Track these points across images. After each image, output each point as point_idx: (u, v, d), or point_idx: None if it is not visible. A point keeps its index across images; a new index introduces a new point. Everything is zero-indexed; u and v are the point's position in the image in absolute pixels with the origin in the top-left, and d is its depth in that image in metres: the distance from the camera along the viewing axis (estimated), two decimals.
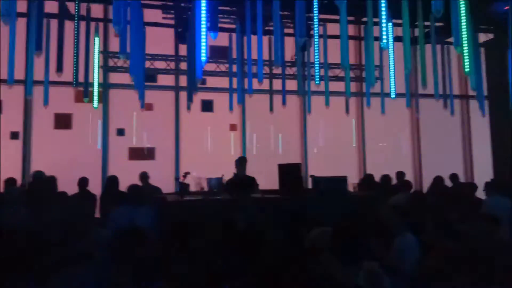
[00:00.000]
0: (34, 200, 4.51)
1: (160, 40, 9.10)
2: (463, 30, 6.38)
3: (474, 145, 11.17)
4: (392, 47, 7.56)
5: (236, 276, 2.89)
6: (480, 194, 6.97)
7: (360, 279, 2.68)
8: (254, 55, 7.25)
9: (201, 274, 2.99)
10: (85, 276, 2.84)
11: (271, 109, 9.05)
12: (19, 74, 7.15)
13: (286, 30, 8.12)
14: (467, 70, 6.81)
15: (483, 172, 10.17)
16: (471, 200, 6.24)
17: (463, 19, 6.27)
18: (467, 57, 6.68)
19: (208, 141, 9.91)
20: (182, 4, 8.28)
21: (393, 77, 8.10)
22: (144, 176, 7.13)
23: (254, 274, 2.77)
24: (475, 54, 7.59)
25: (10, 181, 6.23)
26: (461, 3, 5.97)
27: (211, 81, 9.55)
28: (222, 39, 7.93)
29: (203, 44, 5.61)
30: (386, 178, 7.41)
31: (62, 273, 2.86)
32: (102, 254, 2.96)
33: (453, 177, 7.87)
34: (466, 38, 6.49)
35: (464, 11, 6.30)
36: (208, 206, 5.49)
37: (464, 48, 6.56)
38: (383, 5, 6.24)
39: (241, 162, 6.36)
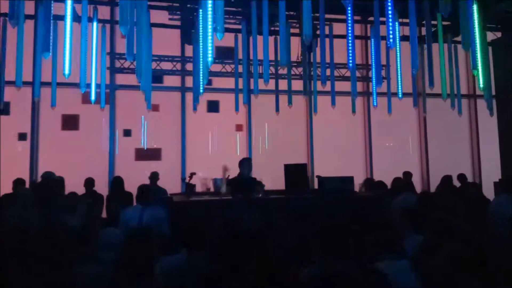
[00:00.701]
0: (43, 200, 4.54)
1: (166, 41, 9.14)
2: (471, 29, 6.33)
3: (482, 144, 11.07)
4: (399, 46, 7.52)
5: (239, 276, 2.88)
6: (485, 193, 6.94)
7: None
8: (260, 56, 7.26)
9: (204, 274, 3.00)
10: (96, 276, 2.86)
11: (277, 109, 9.05)
12: (27, 76, 7.21)
13: (292, 30, 8.11)
14: (475, 69, 6.76)
15: (491, 171, 10.09)
16: (479, 199, 6.18)
17: (472, 18, 6.22)
18: (475, 56, 6.63)
19: (214, 142, 9.93)
20: (188, 5, 8.31)
21: (400, 76, 8.07)
22: (154, 176, 7.17)
23: (257, 274, 2.77)
24: (483, 53, 7.53)
25: (19, 182, 6.29)
26: (469, 2, 5.92)
27: (217, 82, 9.56)
28: (228, 40, 7.94)
29: (209, 45, 5.63)
30: (398, 180, 7.29)
31: (72, 273, 2.88)
32: (114, 254, 2.97)
33: (462, 177, 7.82)
34: (474, 37, 6.44)
35: (472, 10, 6.25)
36: (213, 206, 5.51)
37: (472, 47, 6.52)
38: (389, 4, 6.22)
39: (245, 163, 6.31)
